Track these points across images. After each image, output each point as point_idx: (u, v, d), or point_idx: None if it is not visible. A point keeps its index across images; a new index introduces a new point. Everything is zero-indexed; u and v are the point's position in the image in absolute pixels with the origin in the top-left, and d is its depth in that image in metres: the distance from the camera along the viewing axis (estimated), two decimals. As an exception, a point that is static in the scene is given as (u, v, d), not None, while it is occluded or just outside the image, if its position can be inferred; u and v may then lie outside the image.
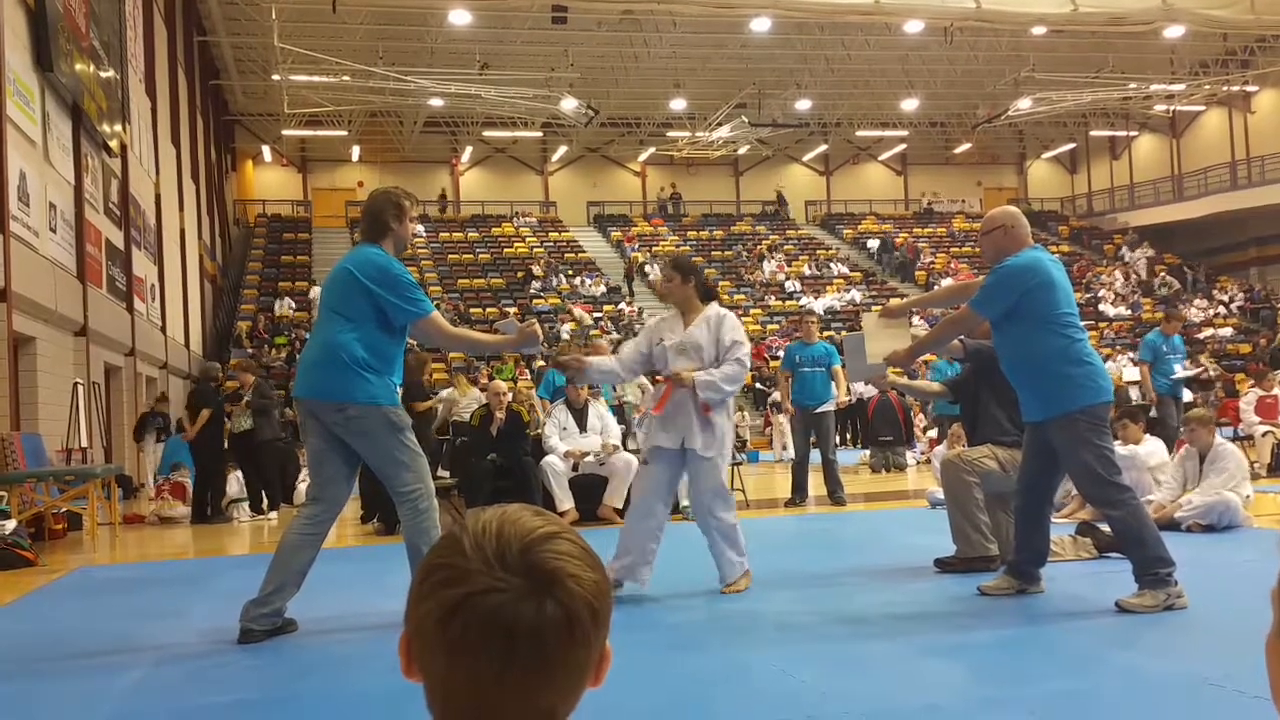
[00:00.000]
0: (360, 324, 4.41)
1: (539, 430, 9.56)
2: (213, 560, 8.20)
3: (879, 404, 15.07)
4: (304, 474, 11.11)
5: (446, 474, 10.05)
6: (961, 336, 5.71)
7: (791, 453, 15.45)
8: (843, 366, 10.69)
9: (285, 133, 33.11)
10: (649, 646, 4.04)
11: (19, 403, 11.87)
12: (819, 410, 9.91)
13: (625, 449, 9.32)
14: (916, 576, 5.53)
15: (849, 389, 17.37)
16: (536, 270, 30.24)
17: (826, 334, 23.69)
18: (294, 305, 27.20)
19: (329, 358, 4.40)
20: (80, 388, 13.13)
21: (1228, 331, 29.19)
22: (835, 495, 9.85)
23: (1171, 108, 35.80)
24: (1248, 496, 7.31)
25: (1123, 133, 39.73)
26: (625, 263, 32.01)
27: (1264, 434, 11.70)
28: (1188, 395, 12.63)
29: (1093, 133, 39.93)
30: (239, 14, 26.33)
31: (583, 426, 9.29)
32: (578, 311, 27.04)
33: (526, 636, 0.89)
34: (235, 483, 11.28)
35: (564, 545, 0.94)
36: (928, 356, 10.58)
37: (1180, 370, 11.43)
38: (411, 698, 0.96)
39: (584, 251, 33.83)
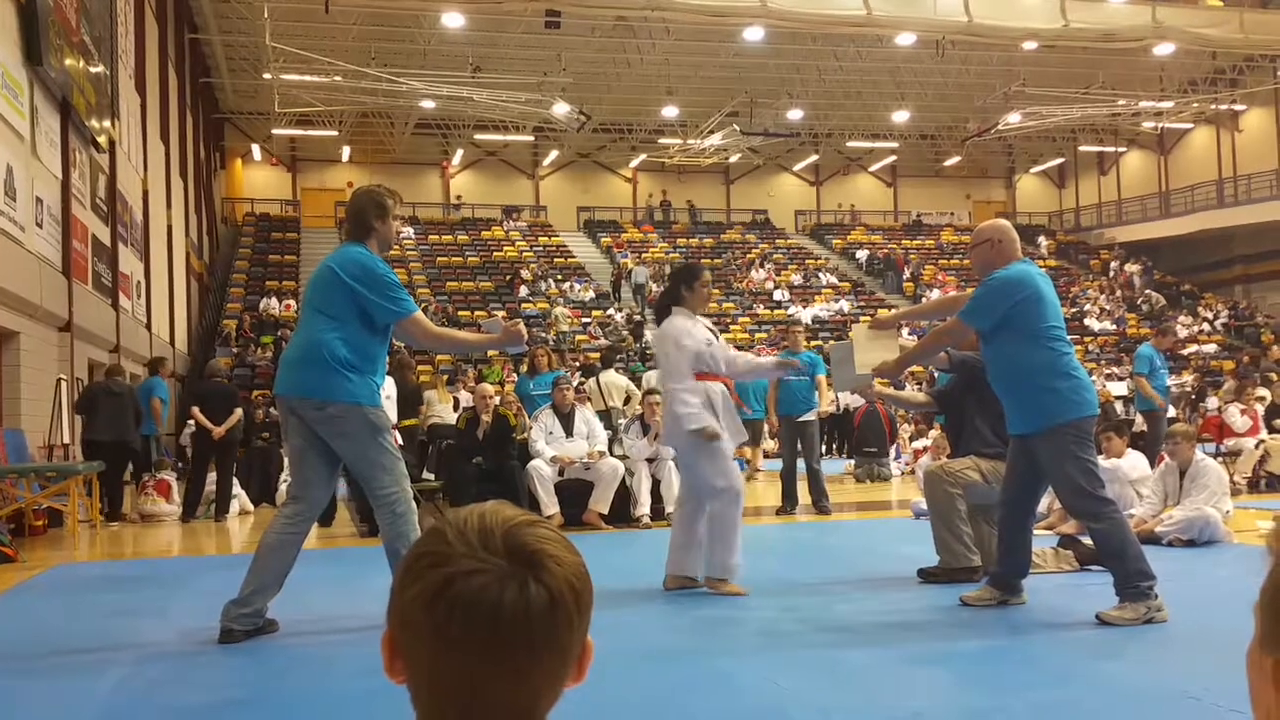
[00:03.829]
0: (343, 323, 4.39)
1: (525, 434, 9.55)
2: (194, 559, 8.16)
3: (866, 414, 15.08)
4: (285, 473, 11.08)
5: (431, 476, 10.02)
6: (948, 348, 5.73)
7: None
8: (828, 375, 10.73)
9: (275, 132, 33.03)
10: (630, 652, 4.03)
11: (1, 398, 11.81)
12: (802, 419, 9.93)
13: (612, 455, 9.32)
14: (900, 586, 5.54)
15: (835, 399, 17.47)
16: (526, 274, 30.22)
17: (814, 343, 23.74)
18: (278, 305, 27.09)
19: (311, 356, 4.38)
20: (64, 384, 13.06)
21: (1211, 348, 29.36)
22: (820, 504, 9.86)
23: (1160, 125, 36.04)
24: (1228, 512, 7.36)
25: (1111, 149, 39.96)
26: (614, 269, 32.02)
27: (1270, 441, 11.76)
28: (1171, 411, 12.71)
29: (1081, 148, 40.13)
30: (231, 12, 26.25)
31: (569, 432, 9.28)
32: (557, 312, 26.89)
33: (512, 616, 0.90)
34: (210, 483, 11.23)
35: (544, 531, 0.96)
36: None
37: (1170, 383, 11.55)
38: (392, 698, 0.96)
39: (573, 256, 33.83)
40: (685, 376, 5.36)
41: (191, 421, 11.36)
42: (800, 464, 10.04)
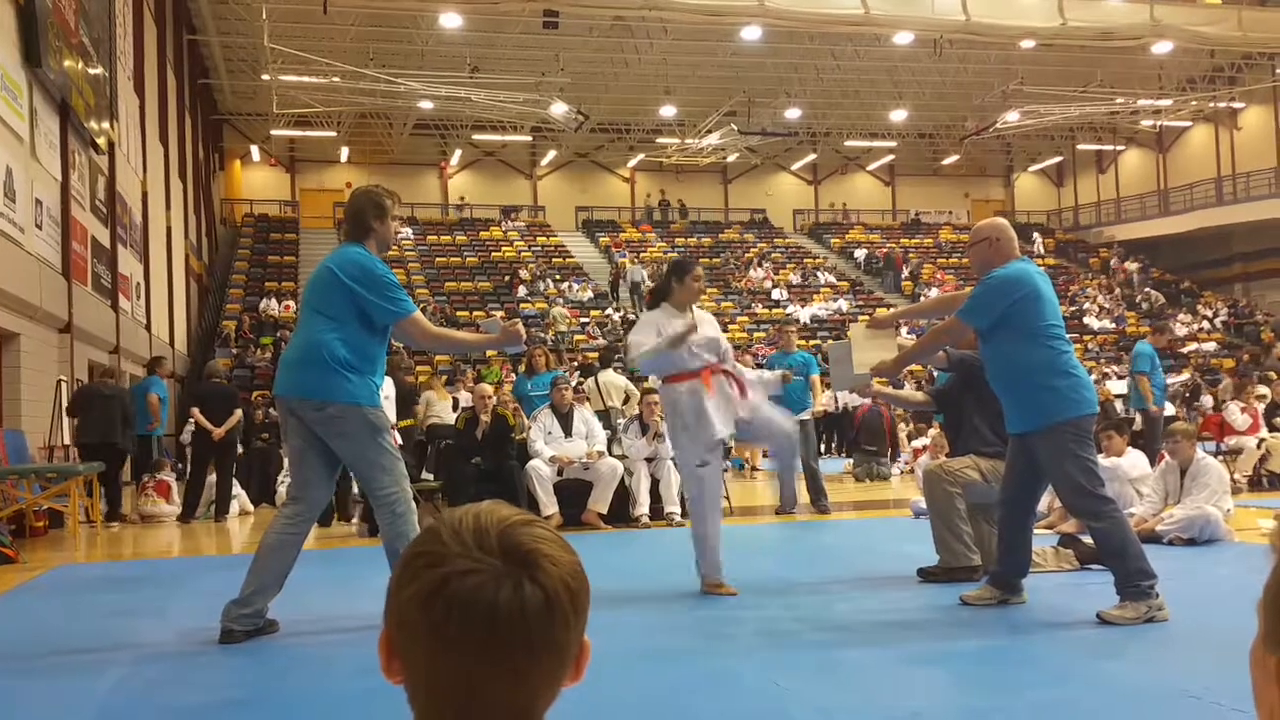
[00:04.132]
0: (342, 323, 4.39)
1: (524, 434, 9.55)
2: (194, 560, 8.15)
3: (867, 413, 15.07)
4: (285, 473, 11.08)
5: (430, 476, 10.02)
6: (946, 347, 5.72)
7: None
8: (823, 375, 10.73)
9: (274, 133, 33.02)
10: (628, 652, 4.03)
11: (2, 399, 11.81)
12: (798, 418, 9.92)
13: (610, 454, 9.32)
14: (899, 585, 5.54)
15: (834, 397, 17.46)
16: (524, 274, 30.22)
17: (813, 342, 23.75)
18: (277, 306, 27.08)
19: (310, 356, 4.38)
20: (64, 385, 13.06)
21: (1211, 346, 29.38)
22: (818, 503, 9.86)
23: (1158, 123, 36.04)
24: (1229, 510, 7.36)
25: (1109, 147, 39.97)
26: (612, 268, 32.02)
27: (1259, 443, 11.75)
28: (1169, 409, 12.70)
29: (1080, 146, 40.14)
30: (229, 13, 26.25)
31: (568, 431, 9.28)
32: (555, 312, 26.85)
33: (508, 616, 0.90)
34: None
35: (539, 530, 0.96)
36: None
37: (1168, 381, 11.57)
38: (390, 699, 0.96)
39: (572, 256, 33.84)
40: (640, 348, 5.37)
41: (191, 422, 11.36)
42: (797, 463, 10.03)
